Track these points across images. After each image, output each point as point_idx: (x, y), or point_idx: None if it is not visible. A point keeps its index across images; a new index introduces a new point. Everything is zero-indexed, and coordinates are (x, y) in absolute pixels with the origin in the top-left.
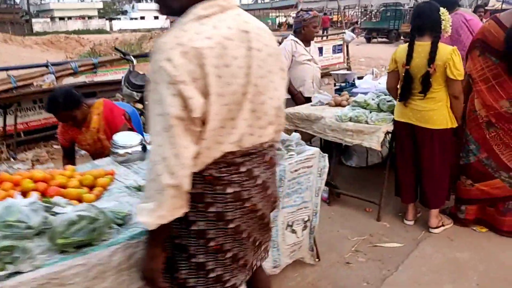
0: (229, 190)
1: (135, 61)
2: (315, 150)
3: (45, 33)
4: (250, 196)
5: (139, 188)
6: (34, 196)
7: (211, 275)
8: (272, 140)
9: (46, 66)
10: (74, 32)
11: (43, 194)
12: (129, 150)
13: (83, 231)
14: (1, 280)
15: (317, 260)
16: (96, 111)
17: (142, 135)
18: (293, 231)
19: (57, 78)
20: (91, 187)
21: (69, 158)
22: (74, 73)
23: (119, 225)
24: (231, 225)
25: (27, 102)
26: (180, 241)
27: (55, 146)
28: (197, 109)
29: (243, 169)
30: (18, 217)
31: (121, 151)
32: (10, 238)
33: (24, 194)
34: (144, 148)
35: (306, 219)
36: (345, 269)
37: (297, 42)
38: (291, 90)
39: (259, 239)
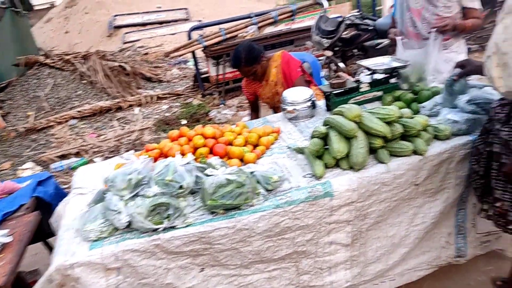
0: None
1: (326, 4)
2: None
3: None
4: None
5: (298, 150)
6: (189, 156)
7: None
8: None
9: (250, 17)
10: None
11: (211, 150)
12: (297, 107)
13: (230, 195)
14: (159, 232)
15: None
16: (274, 64)
17: (320, 84)
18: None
19: (259, 28)
20: (256, 145)
21: (254, 110)
22: (274, 22)
23: (268, 190)
24: None
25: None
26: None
27: None
28: None
29: None
30: (173, 176)
31: (289, 108)
32: (166, 195)
33: (196, 149)
34: (313, 105)
35: None
36: None
37: None
38: None
39: None
